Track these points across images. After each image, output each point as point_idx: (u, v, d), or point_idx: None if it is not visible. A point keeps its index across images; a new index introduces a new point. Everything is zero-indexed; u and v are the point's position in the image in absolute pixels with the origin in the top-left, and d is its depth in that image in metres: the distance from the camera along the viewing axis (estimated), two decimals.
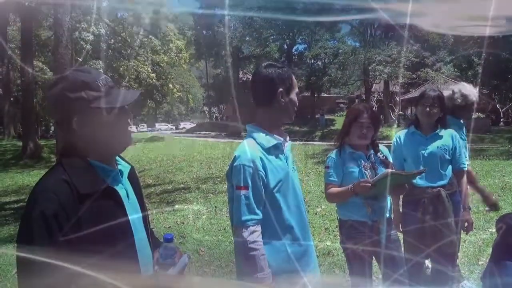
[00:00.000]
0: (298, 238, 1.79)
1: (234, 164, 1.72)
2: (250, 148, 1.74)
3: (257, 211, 1.69)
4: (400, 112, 33.52)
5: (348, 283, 3.52)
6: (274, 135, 1.81)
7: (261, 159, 1.71)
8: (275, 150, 1.79)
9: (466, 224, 2.99)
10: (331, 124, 34.15)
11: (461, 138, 3.11)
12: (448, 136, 2.96)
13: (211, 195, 8.17)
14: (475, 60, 29.03)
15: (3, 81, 25.82)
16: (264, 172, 1.71)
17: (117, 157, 1.37)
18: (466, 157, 3.11)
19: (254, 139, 1.78)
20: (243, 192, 1.68)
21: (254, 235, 1.67)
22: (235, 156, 1.74)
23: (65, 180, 1.16)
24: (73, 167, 1.20)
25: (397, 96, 36.20)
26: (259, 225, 1.70)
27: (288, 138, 1.90)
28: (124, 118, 1.27)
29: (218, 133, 35.06)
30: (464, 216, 2.97)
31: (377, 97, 37.90)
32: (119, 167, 1.36)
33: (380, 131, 2.78)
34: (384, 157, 2.58)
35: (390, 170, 2.37)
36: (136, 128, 50.32)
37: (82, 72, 1.25)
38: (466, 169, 3.05)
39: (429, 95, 2.90)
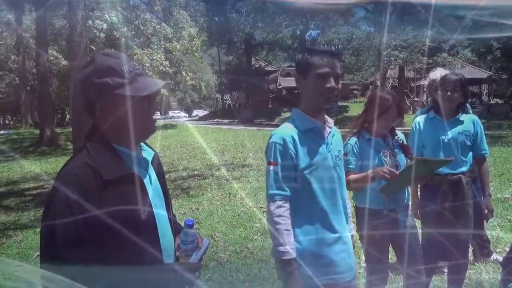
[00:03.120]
0: (331, 224, 1.81)
1: (268, 142, 1.82)
2: (284, 128, 1.82)
3: (285, 187, 1.75)
4: (416, 99, 32.92)
5: (363, 269, 3.52)
6: (314, 119, 1.83)
7: (293, 138, 1.77)
8: (312, 133, 1.82)
9: (486, 211, 2.93)
10: (344, 111, 33.82)
11: None
12: (469, 121, 2.89)
13: (225, 181, 8.22)
14: (494, 44, 28.20)
15: (19, 70, 26.21)
16: (294, 151, 1.76)
17: (141, 143, 1.38)
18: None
19: (293, 120, 1.85)
20: (272, 167, 1.76)
21: (280, 209, 1.73)
22: (271, 135, 1.83)
23: (89, 164, 1.17)
24: (97, 151, 1.21)
25: (413, 82, 35.54)
26: (287, 201, 1.75)
27: (331, 124, 1.91)
28: (148, 106, 1.27)
29: (231, 120, 35.08)
30: (485, 203, 2.92)
31: (391, 83, 37.28)
32: (143, 153, 1.36)
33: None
34: (401, 141, 2.54)
35: (417, 157, 2.33)
36: None
37: (110, 56, 1.25)
38: (487, 155, 2.98)
39: (450, 79, 2.81)
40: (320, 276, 1.76)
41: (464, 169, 2.84)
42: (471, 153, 2.89)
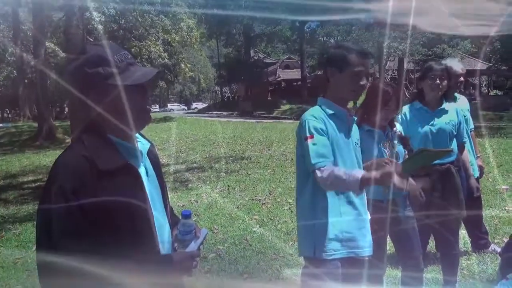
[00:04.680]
0: (352, 201, 1.93)
1: (301, 122, 1.94)
2: (314, 109, 1.98)
3: (327, 154, 1.84)
4: (415, 90, 32.84)
5: None
6: (338, 106, 1.98)
7: (322, 118, 1.91)
8: (338, 119, 1.96)
9: (475, 189, 3.09)
10: None
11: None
12: (453, 111, 2.93)
13: (224, 174, 8.22)
14: (493, 35, 28.06)
15: (17, 63, 26.04)
16: (325, 126, 1.89)
17: (137, 134, 1.36)
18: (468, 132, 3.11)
19: (320, 106, 2.00)
20: (309, 140, 1.86)
21: (328, 169, 1.79)
22: (302, 116, 1.97)
23: (84, 155, 1.15)
24: (92, 143, 1.19)
25: (412, 74, 35.42)
26: (331, 165, 1.82)
27: (352, 114, 2.06)
28: (141, 96, 1.25)
29: (230, 112, 35.02)
30: (471, 182, 3.04)
31: (391, 74, 37.17)
32: (139, 144, 1.34)
33: None
34: (400, 132, 2.54)
35: (419, 147, 2.35)
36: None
37: (100, 46, 1.23)
38: (466, 142, 3.06)
39: (437, 68, 2.84)
40: (341, 249, 1.89)
41: (452, 158, 2.87)
42: (455, 141, 2.94)
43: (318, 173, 1.80)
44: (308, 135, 1.87)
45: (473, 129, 3.74)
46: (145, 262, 1.18)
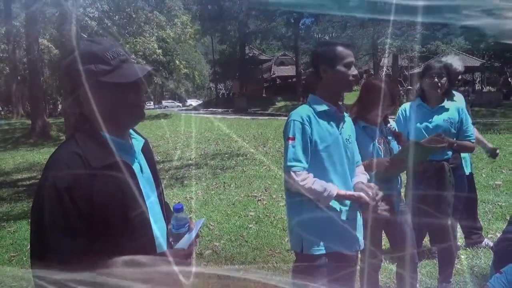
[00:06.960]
0: (341, 200, 1.95)
1: (287, 121, 1.98)
2: (302, 108, 2.01)
3: (302, 160, 1.89)
4: (409, 87, 32.96)
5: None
6: (329, 103, 1.99)
7: (309, 117, 1.94)
8: (327, 116, 1.98)
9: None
10: None
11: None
12: (454, 109, 2.93)
13: (220, 171, 8.22)
14: (487, 32, 28.21)
15: (10, 60, 25.79)
16: (310, 128, 1.92)
17: (131, 131, 1.35)
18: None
19: (309, 103, 2.02)
20: (291, 142, 1.91)
21: (301, 175, 1.87)
22: (289, 115, 2.00)
23: (77, 153, 1.14)
24: (85, 140, 1.19)
25: (406, 71, 35.55)
26: (304, 171, 1.89)
27: (343, 110, 2.08)
28: (134, 93, 1.24)
29: (225, 109, 34.94)
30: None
31: (385, 71, 37.26)
32: (133, 140, 1.34)
33: None
34: (394, 128, 2.56)
35: (413, 140, 2.36)
36: None
37: (94, 43, 1.22)
38: (473, 141, 3.01)
39: (436, 66, 2.87)
40: (327, 245, 1.92)
41: (447, 156, 2.89)
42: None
43: (293, 176, 1.86)
44: (290, 136, 1.92)
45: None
46: (136, 261, 1.17)
